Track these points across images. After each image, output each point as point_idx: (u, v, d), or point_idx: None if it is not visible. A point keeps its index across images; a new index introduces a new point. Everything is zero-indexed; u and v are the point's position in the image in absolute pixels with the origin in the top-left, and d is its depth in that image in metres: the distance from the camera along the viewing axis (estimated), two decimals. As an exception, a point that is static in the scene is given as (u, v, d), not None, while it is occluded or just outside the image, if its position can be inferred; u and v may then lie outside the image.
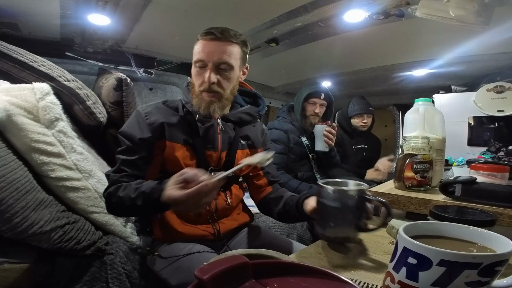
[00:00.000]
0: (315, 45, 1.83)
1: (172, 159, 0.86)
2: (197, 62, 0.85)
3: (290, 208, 0.89)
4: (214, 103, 0.87)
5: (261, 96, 1.11)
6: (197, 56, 0.84)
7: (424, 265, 0.33)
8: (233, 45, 0.85)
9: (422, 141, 0.86)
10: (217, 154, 0.90)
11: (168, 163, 0.87)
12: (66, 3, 1.35)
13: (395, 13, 1.37)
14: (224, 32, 0.84)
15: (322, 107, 1.75)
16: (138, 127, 0.85)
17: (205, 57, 0.83)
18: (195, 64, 0.86)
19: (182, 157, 0.86)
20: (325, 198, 0.62)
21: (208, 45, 0.83)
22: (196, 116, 0.89)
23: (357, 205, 0.60)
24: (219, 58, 0.83)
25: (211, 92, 0.85)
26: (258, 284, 0.29)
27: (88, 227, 0.91)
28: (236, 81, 0.91)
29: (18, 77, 1.00)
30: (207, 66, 0.84)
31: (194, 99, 0.88)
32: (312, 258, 0.60)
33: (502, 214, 0.65)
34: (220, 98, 0.87)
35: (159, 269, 0.86)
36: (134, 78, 2.06)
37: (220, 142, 0.91)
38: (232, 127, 0.95)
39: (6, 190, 0.74)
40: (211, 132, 0.90)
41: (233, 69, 0.87)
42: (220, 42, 0.83)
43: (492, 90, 1.62)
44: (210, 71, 0.83)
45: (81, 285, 0.82)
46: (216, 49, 0.83)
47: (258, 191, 1.03)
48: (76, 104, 1.06)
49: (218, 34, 0.82)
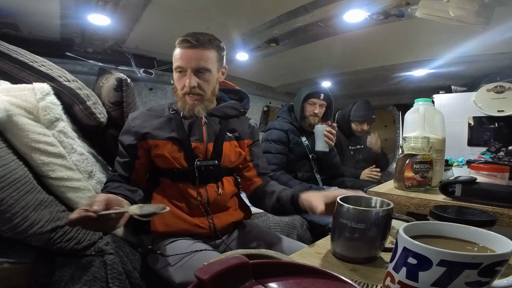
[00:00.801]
0: (315, 45, 1.83)
1: (160, 155, 0.91)
2: (177, 68, 0.91)
3: (285, 203, 0.91)
4: (197, 105, 0.93)
5: (245, 93, 1.15)
6: (176, 63, 0.91)
7: (424, 265, 0.33)
8: (208, 50, 0.91)
9: (422, 141, 0.86)
10: (203, 145, 0.95)
11: (157, 160, 0.93)
12: (66, 3, 1.35)
13: (395, 13, 1.37)
14: (200, 39, 0.89)
15: (322, 108, 1.75)
16: (126, 132, 0.95)
17: (184, 64, 0.90)
18: (175, 70, 0.92)
19: (169, 151, 0.91)
20: (348, 219, 0.56)
21: (185, 53, 0.89)
22: (181, 114, 0.95)
23: (383, 225, 0.56)
24: (196, 64, 0.89)
25: (193, 95, 0.92)
26: (258, 284, 0.29)
27: (88, 227, 0.91)
28: (215, 82, 0.97)
29: (18, 77, 1.00)
30: (186, 71, 0.90)
31: (178, 102, 0.95)
32: (312, 258, 0.60)
33: (502, 214, 0.65)
34: (202, 99, 0.94)
35: (161, 267, 0.86)
36: (134, 78, 2.06)
37: (205, 134, 0.96)
38: (218, 121, 1.00)
39: (6, 190, 0.74)
40: (196, 125, 0.96)
41: (211, 72, 0.93)
42: (196, 49, 0.89)
43: (492, 90, 1.62)
44: (189, 76, 0.90)
45: (81, 285, 0.82)
46: (193, 55, 0.89)
47: (248, 184, 1.06)
48: (76, 104, 1.06)
49: (193, 42, 0.88)
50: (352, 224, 0.55)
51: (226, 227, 0.97)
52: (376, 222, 0.55)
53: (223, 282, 0.27)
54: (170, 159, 0.91)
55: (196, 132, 0.95)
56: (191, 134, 0.95)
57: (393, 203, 0.59)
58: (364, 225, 0.55)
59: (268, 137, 1.74)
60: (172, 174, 0.93)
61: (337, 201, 0.60)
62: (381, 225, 0.56)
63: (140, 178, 0.95)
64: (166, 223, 0.90)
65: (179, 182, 0.93)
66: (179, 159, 0.92)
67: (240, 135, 1.03)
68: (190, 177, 0.92)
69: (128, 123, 0.96)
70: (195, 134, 0.95)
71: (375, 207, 0.62)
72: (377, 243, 0.57)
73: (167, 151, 0.91)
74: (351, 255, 0.58)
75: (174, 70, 0.93)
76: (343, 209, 0.57)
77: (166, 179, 0.94)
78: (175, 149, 0.92)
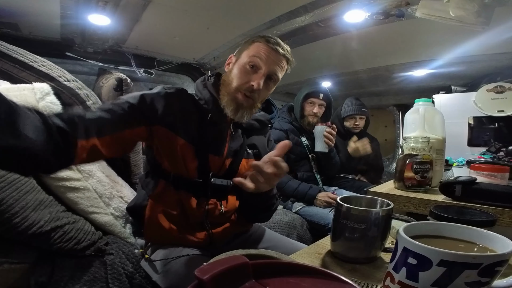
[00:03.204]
0: (315, 45, 1.83)
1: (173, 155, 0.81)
2: (250, 63, 0.81)
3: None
4: (245, 108, 0.83)
5: (275, 104, 1.07)
6: (254, 57, 0.81)
7: (424, 265, 0.33)
8: (285, 62, 0.86)
9: (422, 141, 0.86)
10: (221, 160, 0.86)
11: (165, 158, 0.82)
12: (66, 3, 1.35)
13: (395, 13, 1.37)
14: (285, 49, 0.84)
15: (321, 107, 1.75)
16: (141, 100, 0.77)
17: (262, 62, 0.81)
18: (247, 64, 0.81)
19: (182, 155, 0.81)
20: (348, 219, 0.56)
21: (269, 52, 0.81)
22: (208, 116, 0.84)
23: (384, 225, 0.57)
24: (273, 70, 0.82)
25: (248, 97, 0.82)
26: (258, 284, 0.29)
27: (88, 227, 0.91)
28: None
29: (18, 77, 1.00)
30: (260, 70, 0.81)
31: (226, 97, 0.83)
32: (312, 258, 0.59)
33: (502, 214, 0.65)
34: (252, 105, 0.84)
35: (150, 271, 0.85)
36: (134, 78, 2.06)
37: (227, 148, 0.87)
38: (241, 134, 0.92)
39: (6, 190, 0.74)
40: (220, 136, 0.86)
41: (275, 84, 0.87)
42: (280, 55, 0.83)
43: (492, 90, 1.62)
44: (261, 77, 0.81)
45: (81, 285, 0.82)
46: (275, 59, 0.82)
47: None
48: (76, 104, 1.06)
49: (281, 48, 0.83)
50: (352, 224, 0.56)
51: (224, 238, 0.92)
52: (376, 222, 0.55)
53: (223, 282, 0.27)
54: (182, 163, 0.81)
55: (219, 143, 0.86)
56: (212, 144, 0.85)
57: (393, 203, 0.59)
58: (364, 225, 0.55)
59: (268, 137, 1.74)
60: (176, 181, 0.84)
61: (337, 201, 0.60)
62: (381, 225, 0.56)
63: (110, 151, 0.69)
64: (161, 233, 0.85)
65: (181, 191, 0.84)
66: (191, 167, 0.83)
67: (259, 152, 0.95)
68: (196, 190, 0.84)
69: (148, 93, 0.79)
70: (216, 146, 0.85)
71: (375, 207, 0.62)
72: (377, 243, 0.57)
73: (180, 153, 0.81)
74: (351, 255, 0.58)
75: (240, 64, 0.83)
76: (343, 209, 0.57)
77: (168, 184, 0.84)
78: (190, 155, 0.82)
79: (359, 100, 2.16)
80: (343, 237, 0.58)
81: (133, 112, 0.75)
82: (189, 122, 0.83)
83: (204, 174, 0.84)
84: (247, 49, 0.84)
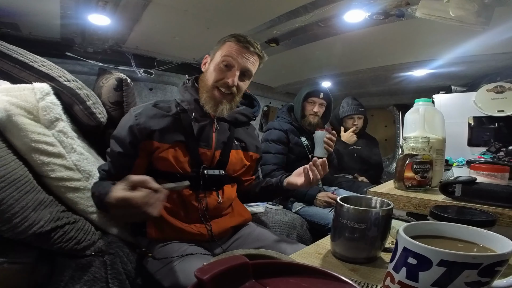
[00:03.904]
0: (315, 46, 1.83)
1: (163, 158, 0.88)
2: (223, 62, 0.88)
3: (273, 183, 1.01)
4: (224, 104, 0.91)
5: (256, 98, 1.13)
6: (226, 57, 0.88)
7: (424, 265, 0.33)
8: (257, 58, 0.93)
9: (422, 141, 0.86)
10: (211, 152, 0.92)
11: (159, 162, 0.88)
12: (66, 3, 1.35)
13: (395, 13, 1.37)
14: (255, 45, 0.91)
15: (322, 107, 1.76)
16: (127, 128, 0.87)
17: (234, 61, 0.88)
18: (221, 63, 0.89)
19: (173, 156, 0.87)
20: (348, 219, 0.56)
21: (240, 51, 0.89)
22: (192, 115, 0.91)
23: (384, 225, 0.57)
24: (245, 66, 0.90)
25: (226, 94, 0.90)
26: (258, 284, 0.29)
27: (88, 227, 0.91)
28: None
29: (18, 77, 1.00)
30: (233, 68, 0.89)
31: (204, 94, 0.91)
32: (312, 258, 0.60)
33: (502, 214, 0.65)
34: (231, 100, 0.92)
35: (153, 270, 0.86)
36: (134, 78, 2.06)
37: (215, 140, 0.93)
38: (227, 127, 0.98)
39: (6, 190, 0.74)
40: (206, 130, 0.92)
41: (250, 78, 0.94)
42: (250, 52, 0.90)
43: (492, 90, 1.61)
44: (235, 74, 0.88)
45: (81, 285, 0.82)
46: (247, 56, 0.90)
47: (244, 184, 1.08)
48: (76, 104, 1.06)
49: (250, 45, 0.89)
50: (352, 224, 0.56)
51: (224, 232, 0.96)
52: (376, 222, 0.55)
53: (223, 282, 0.27)
54: (174, 164, 0.87)
55: (206, 137, 0.91)
56: (200, 138, 0.91)
57: (393, 203, 0.59)
58: (364, 225, 0.55)
59: (268, 137, 1.74)
60: (172, 178, 0.88)
61: (337, 201, 0.60)
62: (381, 225, 0.56)
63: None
64: (162, 229, 0.88)
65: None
66: (183, 164, 0.88)
67: (246, 145, 1.02)
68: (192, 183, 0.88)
69: (130, 118, 0.89)
70: (204, 140, 0.91)
71: (375, 207, 0.62)
72: (377, 243, 0.57)
73: (171, 155, 0.87)
74: (351, 255, 0.58)
75: (215, 63, 0.90)
76: (343, 209, 0.57)
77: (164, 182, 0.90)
78: (181, 153, 0.88)
79: (357, 100, 2.17)
80: (343, 237, 0.58)
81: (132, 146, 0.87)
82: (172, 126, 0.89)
83: (197, 167, 0.90)
84: (220, 49, 0.91)
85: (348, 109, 2.11)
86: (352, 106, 2.11)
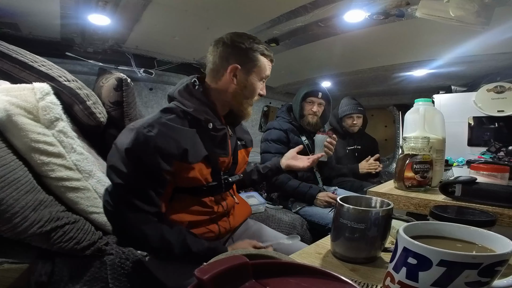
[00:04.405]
0: (315, 45, 1.83)
1: (192, 178, 0.81)
2: (263, 79, 0.92)
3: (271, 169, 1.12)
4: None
5: None
6: (267, 72, 0.91)
7: (424, 265, 0.33)
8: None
9: (422, 141, 0.86)
10: (228, 159, 0.92)
11: (184, 181, 0.81)
12: (66, 3, 1.35)
13: (395, 13, 1.36)
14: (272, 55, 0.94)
15: (320, 106, 1.76)
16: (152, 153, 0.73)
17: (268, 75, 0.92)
18: (264, 78, 0.91)
19: (199, 171, 0.82)
20: (348, 219, 0.56)
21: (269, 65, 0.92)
22: (209, 125, 0.84)
23: (384, 225, 0.56)
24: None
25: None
26: (258, 284, 0.29)
27: (88, 227, 0.91)
28: None
29: (18, 77, 1.00)
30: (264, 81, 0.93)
31: (248, 107, 0.92)
32: (312, 258, 0.60)
33: (502, 214, 0.65)
34: None
35: (156, 270, 0.86)
36: (134, 78, 2.06)
37: (230, 147, 0.93)
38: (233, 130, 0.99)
39: (6, 190, 0.74)
40: (223, 138, 0.90)
41: None
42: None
43: (492, 90, 1.61)
44: (264, 85, 0.93)
45: (81, 285, 0.82)
46: None
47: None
48: (76, 104, 1.06)
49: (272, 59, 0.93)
50: (352, 224, 0.56)
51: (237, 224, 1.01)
52: (376, 222, 0.55)
53: (223, 282, 0.27)
54: (200, 179, 0.83)
55: (223, 145, 0.90)
56: (220, 149, 0.89)
57: (393, 203, 0.59)
58: (364, 225, 0.55)
59: (267, 137, 1.74)
60: (194, 190, 0.85)
61: (337, 201, 0.60)
62: (381, 225, 0.56)
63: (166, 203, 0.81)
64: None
65: (200, 197, 0.86)
66: (206, 176, 0.85)
67: (245, 143, 1.05)
68: (213, 191, 0.88)
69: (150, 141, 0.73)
70: (222, 148, 0.90)
71: (375, 207, 0.62)
72: (377, 243, 0.57)
73: (199, 172, 0.82)
74: (351, 255, 0.58)
75: (258, 80, 0.89)
76: (343, 209, 0.57)
77: (186, 195, 0.84)
78: (204, 167, 0.84)
79: (355, 100, 2.17)
80: (343, 237, 0.58)
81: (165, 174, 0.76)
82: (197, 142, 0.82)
83: (217, 175, 0.89)
84: (257, 66, 0.87)
85: (347, 109, 2.12)
86: (351, 106, 2.11)
